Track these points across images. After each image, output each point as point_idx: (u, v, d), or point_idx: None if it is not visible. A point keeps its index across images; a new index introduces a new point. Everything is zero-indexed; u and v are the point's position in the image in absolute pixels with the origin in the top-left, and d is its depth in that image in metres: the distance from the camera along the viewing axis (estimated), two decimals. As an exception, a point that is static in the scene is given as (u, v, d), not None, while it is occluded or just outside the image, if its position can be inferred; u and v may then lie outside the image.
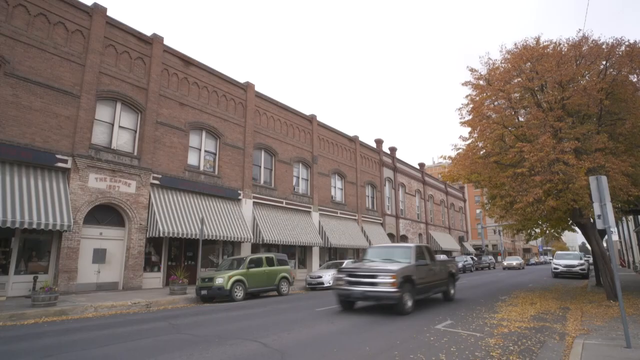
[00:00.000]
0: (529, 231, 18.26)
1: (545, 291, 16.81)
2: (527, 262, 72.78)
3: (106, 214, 16.34)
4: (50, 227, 13.42)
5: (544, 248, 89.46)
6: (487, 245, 70.77)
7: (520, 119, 14.74)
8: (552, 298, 14.05)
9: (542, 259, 74.67)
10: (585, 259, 28.52)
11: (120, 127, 17.08)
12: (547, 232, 18.66)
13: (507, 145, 13.96)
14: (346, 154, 32.70)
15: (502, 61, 14.65)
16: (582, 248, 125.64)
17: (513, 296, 14.88)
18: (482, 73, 14.93)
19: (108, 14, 16.92)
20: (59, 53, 15.15)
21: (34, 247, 14.69)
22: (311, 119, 28.97)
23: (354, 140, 33.82)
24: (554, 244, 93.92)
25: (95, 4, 16.47)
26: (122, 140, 17.13)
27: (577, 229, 16.67)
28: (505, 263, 41.98)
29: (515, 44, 14.53)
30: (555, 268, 26.91)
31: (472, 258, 40.30)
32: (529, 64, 13.76)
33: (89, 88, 15.81)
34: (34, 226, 13.08)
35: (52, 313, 10.75)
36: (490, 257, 48.45)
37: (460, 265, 35.80)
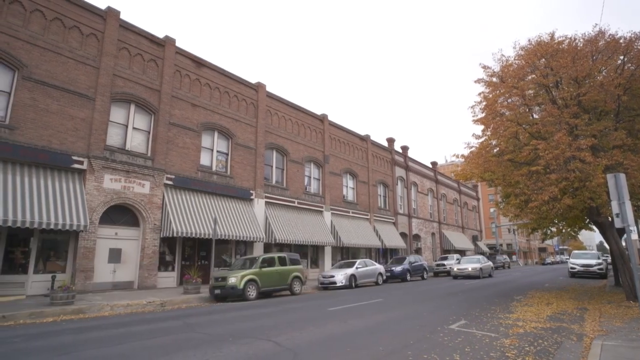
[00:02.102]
0: (544, 230, 17.95)
1: (561, 291, 16.53)
2: (542, 262, 71.69)
3: (121, 214, 16.59)
4: (67, 228, 13.69)
5: (560, 247, 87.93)
6: (501, 245, 69.86)
7: (535, 116, 14.51)
8: (569, 298, 13.80)
9: (558, 258, 73.44)
10: (603, 258, 27.96)
11: (134, 128, 17.32)
12: (564, 231, 18.32)
13: (521, 143, 13.75)
14: (358, 153, 32.61)
15: (516, 58, 14.43)
16: (600, 247, 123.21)
17: (528, 296, 14.66)
18: (495, 70, 14.74)
19: (121, 17, 17.16)
20: (74, 56, 15.44)
21: (52, 247, 15.00)
22: (322, 118, 28.97)
23: (365, 139, 33.71)
24: (571, 243, 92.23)
25: (109, 8, 16.73)
26: (136, 142, 17.37)
27: (594, 227, 16.34)
28: (455, 269, 26.83)
29: (529, 40, 14.31)
30: (572, 268, 26.42)
31: (486, 257, 39.82)
32: (544, 60, 13.53)
33: (104, 90, 16.07)
34: (52, 226, 13.35)
35: (70, 311, 10.96)
36: (505, 256, 47.87)
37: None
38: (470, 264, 27.06)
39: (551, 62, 12.99)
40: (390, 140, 38.05)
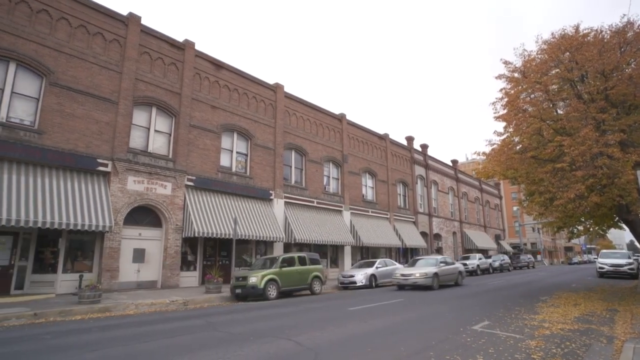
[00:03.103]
0: (570, 229, 17.44)
1: (590, 292, 16.01)
2: (568, 261, 69.62)
3: (144, 215, 16.96)
4: (93, 228, 14.09)
5: (588, 246, 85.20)
6: (525, 244, 68.25)
7: (559, 111, 14.13)
8: (598, 299, 13.34)
9: (585, 257, 71.21)
10: (634, 257, 26.92)
11: (155, 131, 17.68)
12: (591, 229, 17.76)
13: (545, 139, 13.42)
14: (376, 152, 32.42)
15: (538, 52, 14.08)
16: (631, 246, 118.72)
17: (555, 297, 14.25)
18: (516, 65, 14.42)
19: (142, 22, 17.54)
20: (98, 62, 15.87)
21: (79, 247, 15.46)
22: (340, 117, 28.92)
23: (384, 138, 33.48)
24: (599, 242, 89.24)
25: (130, 14, 17.13)
26: (158, 144, 17.73)
27: (624, 226, 15.77)
28: (399, 274, 18.55)
29: (552, 34, 13.94)
30: (600, 267, 25.53)
31: (509, 257, 38.98)
32: (568, 53, 13.15)
33: (126, 94, 16.47)
34: (79, 227, 13.77)
35: (97, 310, 11.28)
36: (529, 256, 46.69)
37: (497, 264, 34.77)
38: (419, 269, 18.28)
39: (576, 56, 12.61)
40: (410, 139, 37.68)
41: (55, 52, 14.70)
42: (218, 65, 20.73)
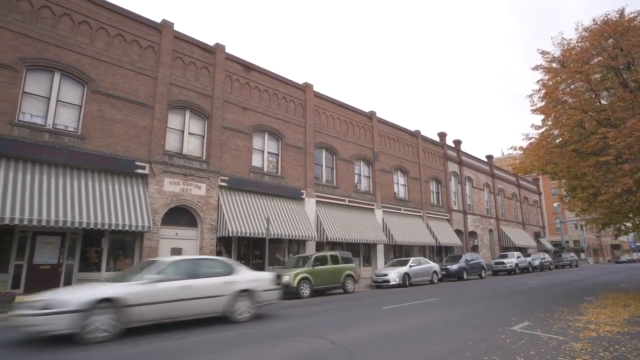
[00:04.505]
0: (617, 225, 16.49)
1: None
2: (615, 260, 65.95)
3: (180, 215, 17.49)
4: (133, 229, 14.69)
5: (638, 244, 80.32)
6: (567, 242, 65.24)
7: (603, 102, 13.39)
8: (649, 299, 12.55)
9: (635, 256, 67.20)
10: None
11: (189, 133, 18.19)
12: (640, 226, 16.71)
13: (587, 131, 12.76)
14: (408, 149, 31.93)
15: (579, 40, 13.39)
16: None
17: (601, 297, 13.52)
18: (555, 55, 13.78)
19: (175, 28, 18.09)
20: (134, 68, 16.51)
21: (120, 246, 16.15)
22: (371, 115, 28.69)
23: (415, 134, 32.93)
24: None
25: (163, 20, 17.71)
26: (192, 146, 18.23)
27: (678, 222, 14.75)
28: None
29: (594, 20, 13.21)
30: (651, 266, 24.03)
31: (550, 255, 37.40)
32: (612, 40, 12.43)
33: (161, 99, 17.04)
34: (120, 228, 14.40)
35: (138, 307, 11.72)
36: (572, 254, 44.67)
37: (536, 262, 33.47)
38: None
39: (621, 42, 11.90)
40: (442, 135, 36.87)
41: (95, 60, 15.41)
42: (248, 67, 21.07)
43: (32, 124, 13.83)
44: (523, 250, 41.07)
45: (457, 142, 38.84)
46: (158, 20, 17.74)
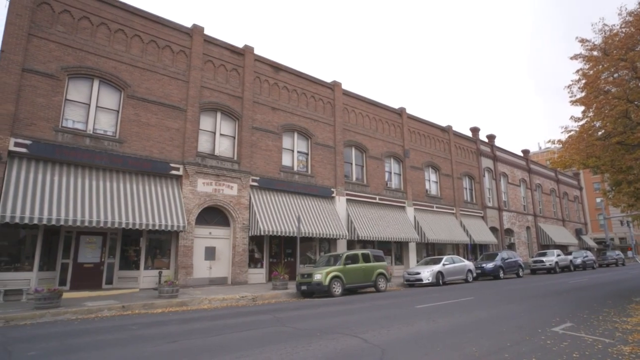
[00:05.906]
0: (668, 221, 15.52)
1: (694, 292, 14.12)
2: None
3: (213, 215, 17.91)
4: (169, 228, 15.17)
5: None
6: (612, 239, 61.92)
7: (650, 90, 12.57)
8: None
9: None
10: None
11: (221, 134, 18.59)
12: (694, 221, 15.66)
13: (633, 122, 12.06)
14: (439, 145, 31.29)
15: (623, 25, 12.63)
16: None
17: (650, 297, 12.76)
18: (595, 43, 13.06)
19: (205, 32, 18.51)
20: (167, 73, 17.03)
21: (157, 245, 16.74)
22: (400, 112, 28.31)
23: (447, 130, 32.22)
24: None
25: (194, 25, 18.16)
26: (223, 147, 18.62)
27: None
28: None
29: None
30: None
31: (593, 253, 35.60)
32: (659, 24, 11.65)
33: (193, 102, 17.49)
34: (156, 227, 14.91)
35: (175, 304, 12.14)
36: (618, 252, 42.23)
37: (578, 261, 31.99)
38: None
39: (669, 25, 11.15)
40: (475, 130, 35.88)
41: (130, 67, 16.02)
42: (277, 67, 21.27)
43: (74, 129, 14.55)
44: (563, 248, 39.36)
45: (491, 137, 37.69)
46: (189, 25, 18.21)
